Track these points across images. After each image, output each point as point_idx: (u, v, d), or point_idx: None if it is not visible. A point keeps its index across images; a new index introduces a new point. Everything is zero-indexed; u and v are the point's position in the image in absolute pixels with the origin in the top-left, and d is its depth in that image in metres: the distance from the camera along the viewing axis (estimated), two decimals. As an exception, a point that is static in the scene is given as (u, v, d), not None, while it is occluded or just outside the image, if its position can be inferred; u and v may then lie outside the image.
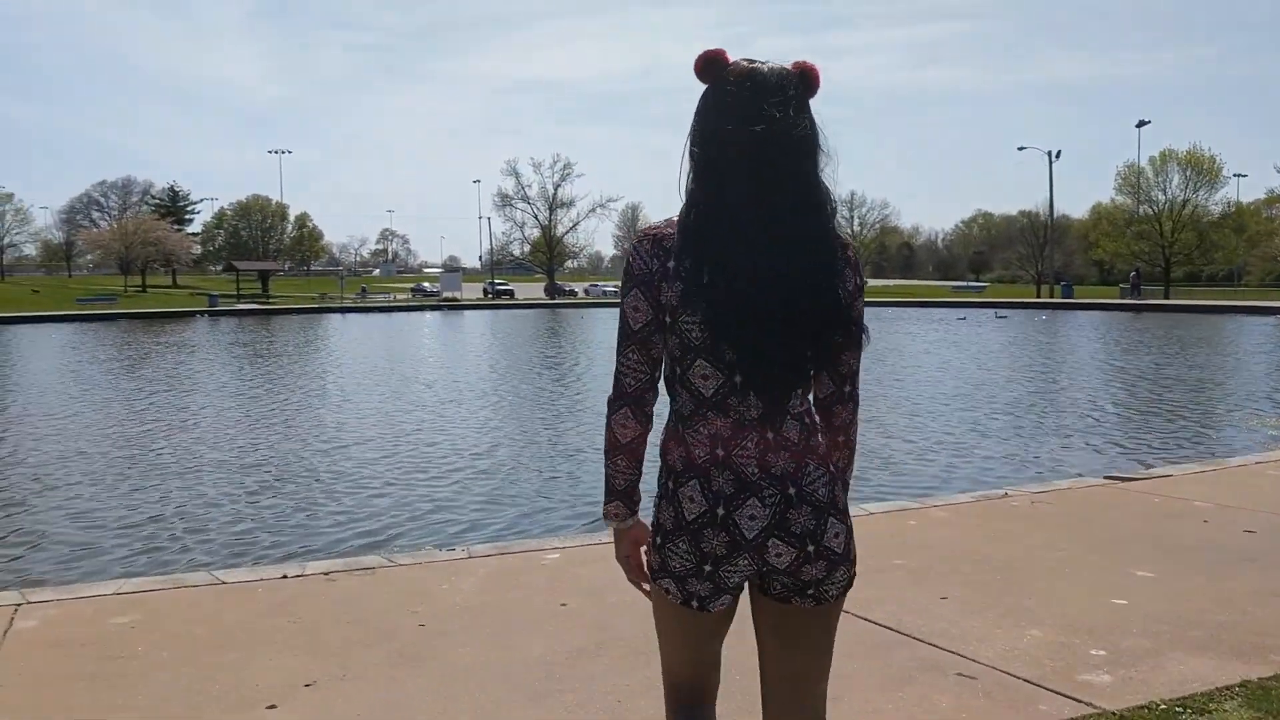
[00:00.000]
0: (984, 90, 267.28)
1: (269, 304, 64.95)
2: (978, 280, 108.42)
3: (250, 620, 4.48)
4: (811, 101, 1.92)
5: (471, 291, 78.20)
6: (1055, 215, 74.60)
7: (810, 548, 1.89)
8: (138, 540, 7.21)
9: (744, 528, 1.87)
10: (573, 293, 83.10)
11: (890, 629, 4.23)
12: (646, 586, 2.05)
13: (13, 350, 28.82)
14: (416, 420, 13.33)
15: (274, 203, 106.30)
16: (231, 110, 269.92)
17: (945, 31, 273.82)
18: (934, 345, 26.55)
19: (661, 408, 1.97)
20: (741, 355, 1.86)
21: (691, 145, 1.91)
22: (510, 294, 77.66)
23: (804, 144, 1.88)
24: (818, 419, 1.99)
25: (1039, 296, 66.39)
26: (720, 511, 1.87)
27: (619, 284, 1.99)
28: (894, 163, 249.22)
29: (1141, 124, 72.31)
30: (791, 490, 1.88)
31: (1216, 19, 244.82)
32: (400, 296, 77.29)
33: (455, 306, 62.89)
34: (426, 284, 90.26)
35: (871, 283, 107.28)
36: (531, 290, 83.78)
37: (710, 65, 1.91)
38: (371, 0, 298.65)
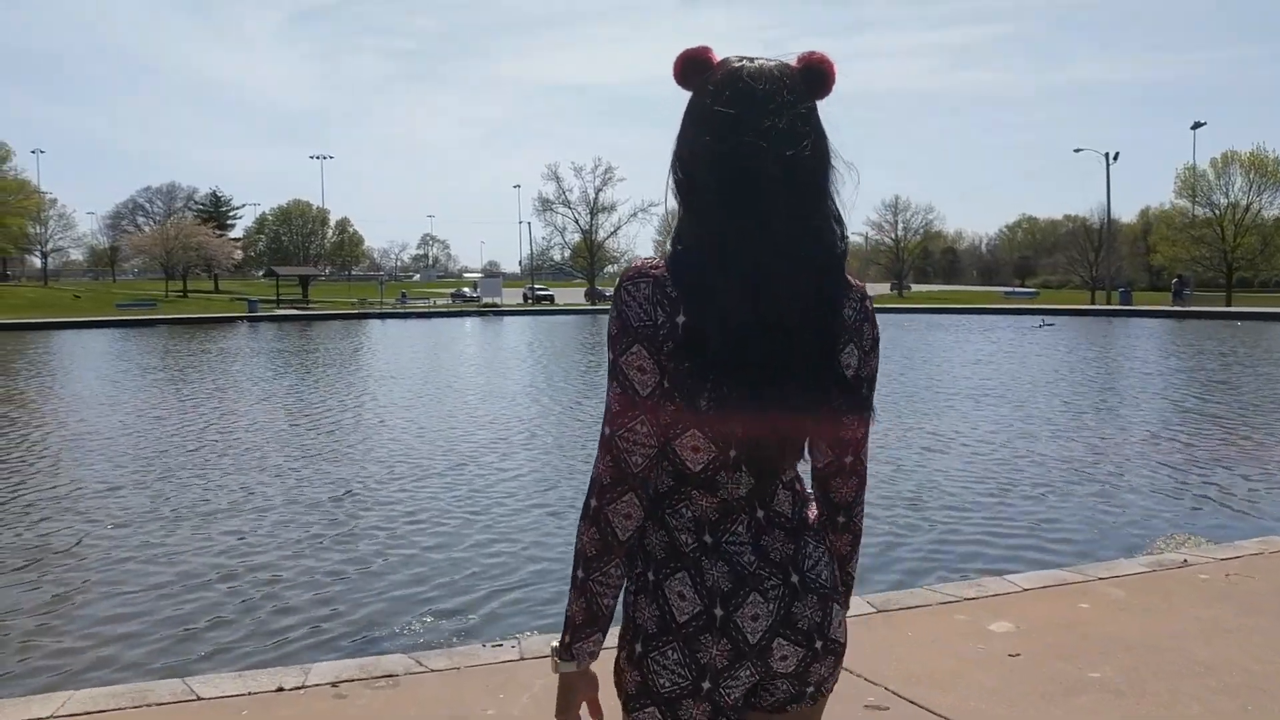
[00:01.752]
0: (1022, 94, 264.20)
1: (308, 309, 64.40)
2: (1024, 286, 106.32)
3: (225, 768, 3.25)
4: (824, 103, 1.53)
5: (511, 296, 77.30)
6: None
7: (818, 643, 1.54)
8: (123, 615, 5.98)
9: (746, 631, 1.49)
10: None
11: (1136, 809, 2.91)
12: None
13: (44, 357, 28.03)
14: (448, 447, 12.13)
15: (315, 208, 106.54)
16: (273, 116, 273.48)
17: (982, 35, 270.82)
18: (1005, 355, 24.98)
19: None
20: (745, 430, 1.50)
21: (673, 168, 1.55)
22: (550, 299, 76.73)
23: (804, 160, 1.48)
24: (812, 493, 1.64)
25: (1094, 303, 64.27)
26: (718, 612, 1.49)
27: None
28: (935, 167, 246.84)
29: (1197, 125, 70.11)
30: (795, 578, 1.53)
31: (1262, 20, 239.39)
32: (440, 302, 76.71)
33: (495, 312, 61.99)
34: (466, 289, 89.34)
35: (917, 288, 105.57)
36: (572, 295, 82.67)
37: (691, 68, 1.54)
38: (405, 5, 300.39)
